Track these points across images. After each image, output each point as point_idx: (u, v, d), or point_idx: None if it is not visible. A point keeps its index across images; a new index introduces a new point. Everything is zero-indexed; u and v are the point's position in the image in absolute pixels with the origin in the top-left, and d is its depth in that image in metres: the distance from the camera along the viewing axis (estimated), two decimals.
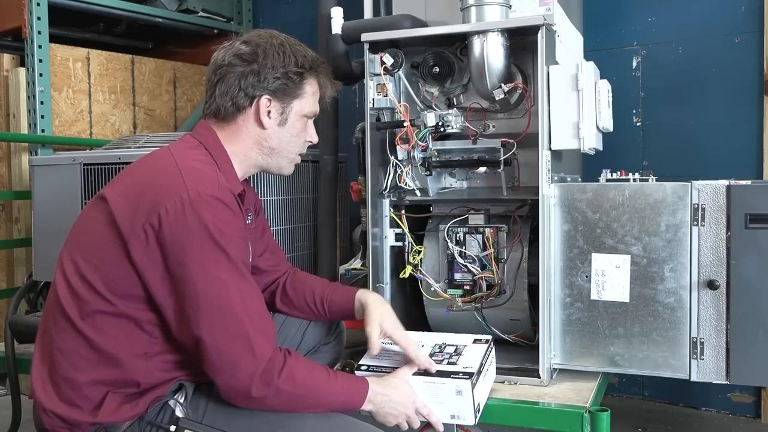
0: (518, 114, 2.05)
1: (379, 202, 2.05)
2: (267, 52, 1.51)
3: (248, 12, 3.89)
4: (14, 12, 2.99)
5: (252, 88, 1.51)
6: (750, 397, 2.69)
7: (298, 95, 1.56)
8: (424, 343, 1.69)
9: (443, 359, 1.62)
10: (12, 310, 2.38)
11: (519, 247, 1.96)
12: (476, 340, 1.70)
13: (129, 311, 1.36)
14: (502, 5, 1.92)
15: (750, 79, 2.65)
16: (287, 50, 1.53)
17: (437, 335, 1.77)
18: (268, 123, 1.53)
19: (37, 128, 2.97)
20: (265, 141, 1.55)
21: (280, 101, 1.54)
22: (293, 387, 1.35)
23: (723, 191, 1.74)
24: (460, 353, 1.64)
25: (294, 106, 1.56)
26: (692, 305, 1.76)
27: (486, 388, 1.65)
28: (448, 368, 1.58)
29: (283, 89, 1.53)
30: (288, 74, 1.52)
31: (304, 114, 1.58)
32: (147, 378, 1.38)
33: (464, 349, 1.66)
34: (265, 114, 1.53)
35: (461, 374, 1.55)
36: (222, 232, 1.33)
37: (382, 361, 1.63)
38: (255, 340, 1.33)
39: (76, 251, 1.40)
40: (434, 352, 1.66)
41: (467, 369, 1.57)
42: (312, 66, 1.57)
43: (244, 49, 1.52)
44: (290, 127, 1.57)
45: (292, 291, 1.78)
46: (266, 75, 1.51)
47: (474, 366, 1.58)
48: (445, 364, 1.59)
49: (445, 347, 1.68)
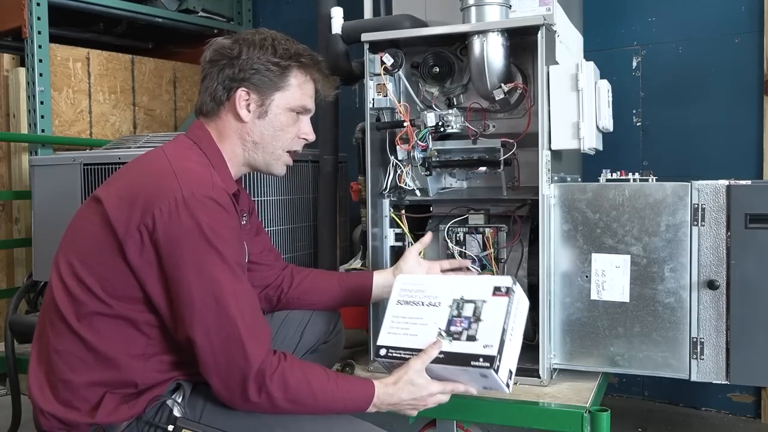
0: (518, 114, 2.05)
1: (379, 202, 2.05)
2: (247, 45, 1.51)
3: (248, 12, 3.90)
4: (14, 12, 2.99)
5: (229, 81, 1.51)
6: (750, 397, 2.69)
7: (281, 87, 1.53)
8: (440, 300, 1.56)
9: (461, 330, 1.49)
10: (12, 310, 2.38)
11: (519, 247, 1.96)
12: (496, 290, 1.53)
13: (126, 313, 1.36)
14: (502, 5, 1.92)
15: (750, 79, 2.64)
16: (267, 43, 1.52)
17: (454, 282, 1.60)
18: (246, 116, 1.52)
19: (37, 128, 2.97)
20: (248, 135, 1.53)
21: (259, 93, 1.52)
22: (285, 393, 1.33)
23: (723, 191, 1.74)
24: (479, 317, 1.50)
25: (275, 98, 1.53)
26: (692, 305, 1.76)
27: (516, 348, 1.51)
28: (467, 348, 1.46)
29: (261, 81, 1.51)
30: (267, 65, 1.51)
31: (289, 108, 1.55)
32: (144, 378, 1.38)
33: (483, 308, 1.51)
34: (244, 107, 1.51)
35: (481, 359, 1.44)
36: (216, 233, 1.32)
37: (401, 339, 1.54)
38: (248, 343, 1.32)
39: (72, 252, 1.40)
40: (452, 318, 1.52)
41: (487, 348, 1.45)
42: (296, 58, 1.54)
43: (225, 44, 1.53)
44: (272, 120, 1.54)
45: (304, 273, 1.81)
46: (243, 67, 1.50)
47: (495, 340, 1.45)
48: (463, 340, 1.47)
49: (463, 306, 1.53)
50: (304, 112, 1.60)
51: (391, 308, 1.60)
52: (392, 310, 1.59)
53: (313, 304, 1.82)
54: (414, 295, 1.59)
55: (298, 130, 1.59)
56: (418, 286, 1.60)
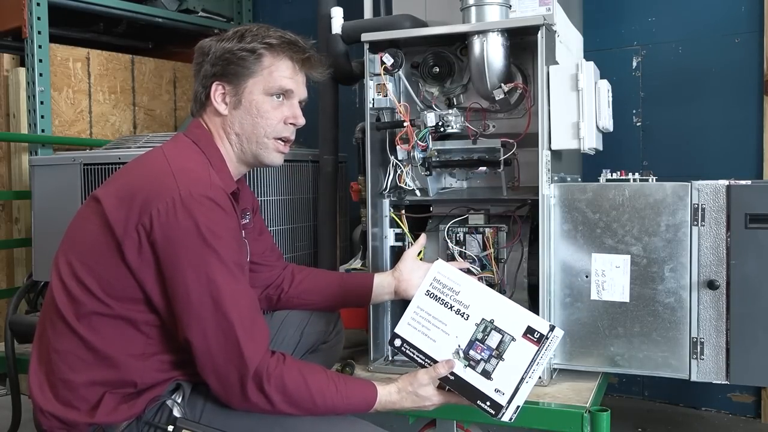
0: (518, 114, 2.05)
1: (379, 202, 2.05)
2: (218, 40, 1.52)
3: (248, 12, 3.90)
4: (14, 12, 2.99)
5: (205, 78, 1.51)
6: (750, 397, 2.69)
7: (252, 73, 1.50)
8: (470, 313, 1.48)
9: (480, 360, 1.43)
10: (12, 310, 2.38)
11: (519, 247, 1.96)
12: (529, 332, 1.43)
13: (125, 313, 1.36)
14: (502, 5, 1.92)
15: (750, 79, 2.64)
16: (238, 34, 1.51)
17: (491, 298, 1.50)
18: (224, 109, 1.51)
19: (37, 128, 2.97)
20: (229, 128, 1.52)
21: (232, 84, 1.50)
22: (283, 395, 1.33)
23: (723, 191, 1.74)
24: (502, 355, 1.42)
25: (248, 84, 1.50)
26: (692, 305, 1.76)
27: (530, 386, 1.43)
28: (478, 383, 1.42)
29: (233, 71, 1.49)
30: (235, 53, 1.49)
31: (266, 92, 1.51)
32: (144, 378, 1.37)
33: (509, 346, 1.43)
34: (220, 100, 1.51)
35: (488, 402, 1.40)
36: (214, 233, 1.32)
37: (418, 338, 1.50)
38: (245, 344, 1.31)
39: (72, 253, 1.40)
40: (474, 341, 1.46)
41: (498, 394, 1.40)
42: (263, 41, 1.51)
43: (204, 44, 1.54)
44: (248, 108, 1.51)
45: (304, 273, 1.81)
46: (214, 62, 1.50)
47: (509, 387, 1.40)
48: (478, 372, 1.42)
49: (490, 333, 1.45)
50: (286, 94, 1.54)
51: (418, 297, 1.55)
52: (419, 299, 1.55)
53: (312, 304, 1.82)
54: (446, 292, 1.53)
55: (282, 115, 1.54)
56: (453, 284, 1.53)
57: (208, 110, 1.53)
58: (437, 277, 1.56)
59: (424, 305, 1.54)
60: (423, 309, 1.54)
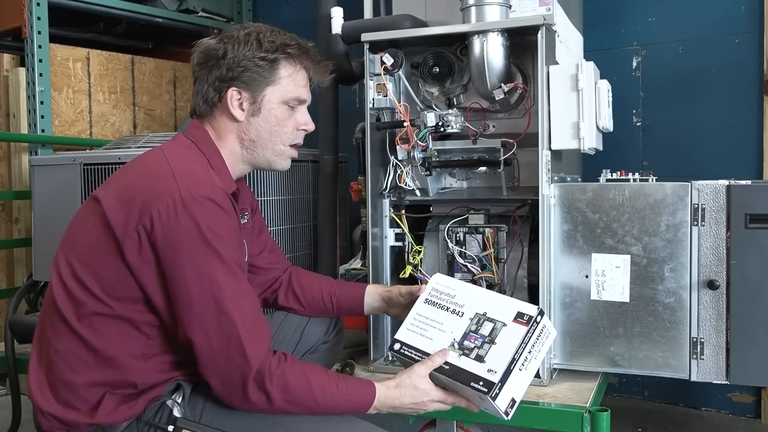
0: (518, 114, 2.05)
1: (379, 202, 2.05)
2: (232, 43, 1.50)
3: (248, 12, 3.90)
4: (14, 12, 2.99)
5: (219, 82, 1.49)
6: (750, 397, 2.69)
7: (271, 82, 1.51)
8: (464, 310, 1.55)
9: (473, 347, 1.48)
10: (12, 310, 2.38)
11: (519, 247, 1.96)
12: (518, 316, 1.49)
13: (125, 313, 1.36)
14: (502, 5, 1.92)
15: (750, 79, 2.64)
16: (252, 38, 1.50)
17: (484, 296, 1.58)
18: (241, 115, 1.51)
19: (37, 128, 2.97)
20: (244, 134, 1.52)
21: (250, 90, 1.50)
22: (284, 394, 1.33)
23: (723, 191, 1.74)
24: (494, 339, 1.47)
25: (267, 93, 1.51)
26: (692, 305, 1.76)
27: (527, 378, 1.47)
28: (471, 367, 1.44)
29: (251, 78, 1.49)
30: (255, 62, 1.49)
31: (283, 101, 1.53)
32: (144, 378, 1.38)
33: (501, 331, 1.48)
34: (236, 106, 1.50)
35: (481, 382, 1.42)
36: (214, 233, 1.32)
37: (416, 339, 1.54)
38: (247, 344, 1.32)
39: (72, 253, 1.40)
40: (469, 332, 1.51)
41: (491, 373, 1.42)
42: (283, 50, 1.51)
43: (211, 45, 1.51)
44: (267, 116, 1.52)
45: (297, 285, 1.78)
46: (230, 66, 1.48)
47: (501, 367, 1.43)
48: (471, 358, 1.46)
49: (482, 323, 1.51)
50: (300, 102, 1.56)
51: (417, 305, 1.61)
52: (418, 307, 1.60)
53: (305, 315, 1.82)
54: (442, 297, 1.59)
55: (295, 122, 1.56)
56: (450, 290, 1.60)
57: (221, 114, 1.52)
58: (435, 287, 1.62)
59: (423, 311, 1.59)
60: (421, 314, 1.59)
